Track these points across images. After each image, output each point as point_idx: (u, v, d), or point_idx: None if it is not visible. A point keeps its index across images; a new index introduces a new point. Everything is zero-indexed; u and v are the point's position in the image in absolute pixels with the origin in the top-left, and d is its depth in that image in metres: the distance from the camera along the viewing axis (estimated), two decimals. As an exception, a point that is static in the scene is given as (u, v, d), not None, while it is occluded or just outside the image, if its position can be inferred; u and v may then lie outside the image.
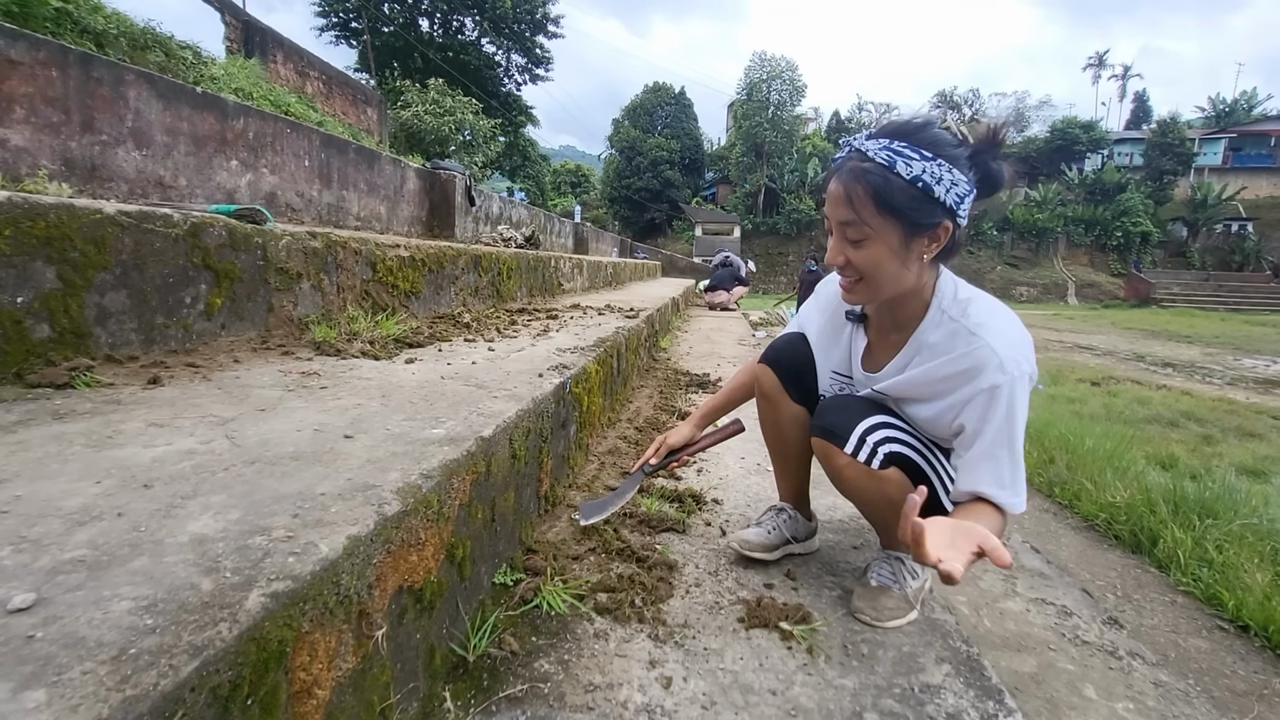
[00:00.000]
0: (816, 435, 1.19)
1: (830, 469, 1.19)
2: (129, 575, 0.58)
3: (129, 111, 2.70)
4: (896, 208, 0.98)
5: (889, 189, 0.97)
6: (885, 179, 0.97)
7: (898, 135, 1.00)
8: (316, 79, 12.08)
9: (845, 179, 1.00)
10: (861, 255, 1.03)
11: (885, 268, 1.03)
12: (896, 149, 0.98)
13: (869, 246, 1.02)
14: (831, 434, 1.16)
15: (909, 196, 0.97)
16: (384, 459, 0.91)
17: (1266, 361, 9.37)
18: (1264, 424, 4.80)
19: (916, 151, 0.97)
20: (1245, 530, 2.41)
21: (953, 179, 0.98)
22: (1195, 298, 28.87)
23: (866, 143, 1.01)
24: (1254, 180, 40.26)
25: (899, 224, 0.99)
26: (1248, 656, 1.83)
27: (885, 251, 1.01)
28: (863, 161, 0.99)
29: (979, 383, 1.02)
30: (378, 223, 4.75)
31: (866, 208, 0.99)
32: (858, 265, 1.04)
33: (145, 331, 1.42)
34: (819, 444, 1.19)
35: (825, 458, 1.18)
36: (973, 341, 1.04)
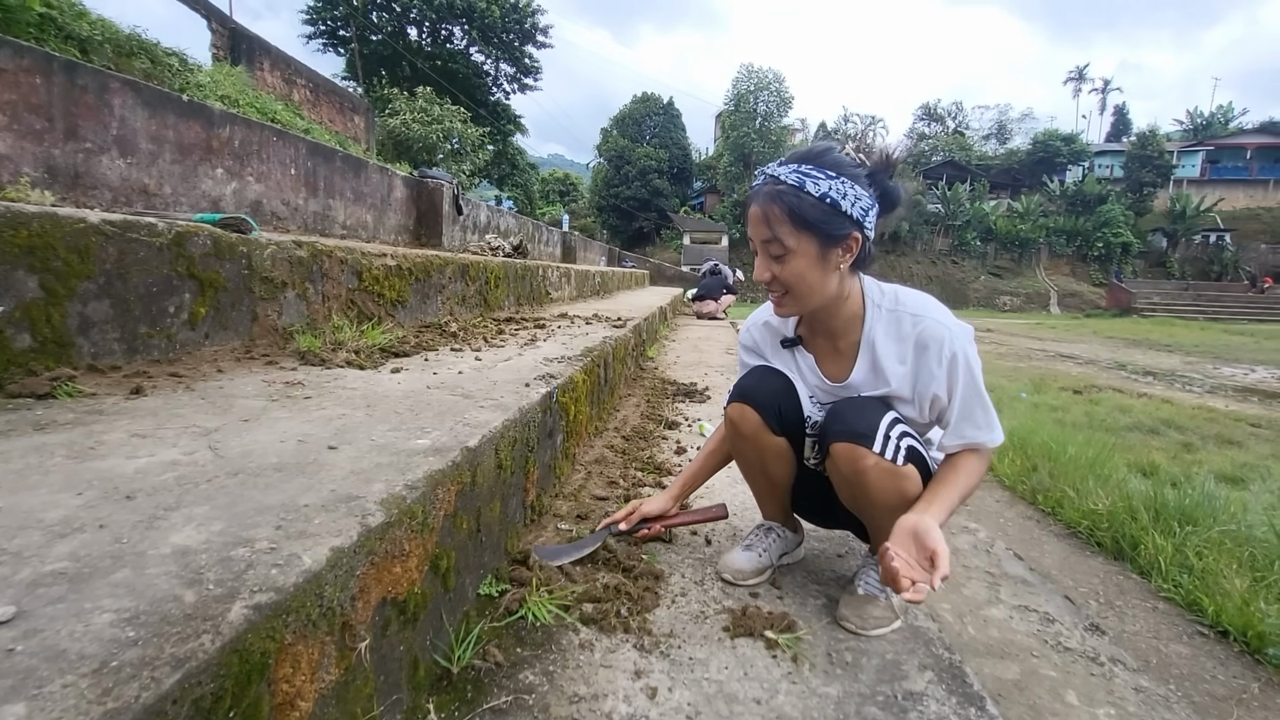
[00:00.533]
0: (841, 440, 1.14)
1: (853, 472, 1.14)
2: (110, 587, 0.57)
3: (113, 119, 2.68)
4: (810, 222, 1.08)
5: (801, 206, 1.08)
6: (798, 197, 1.08)
7: (805, 160, 1.11)
8: (303, 87, 12.05)
9: (762, 201, 1.11)
10: (785, 269, 1.13)
11: (808, 278, 1.13)
12: (805, 171, 1.09)
13: (790, 260, 1.12)
14: (859, 435, 1.12)
15: (820, 211, 1.08)
16: (368, 470, 0.91)
17: (1245, 370, 9.54)
18: (1242, 431, 4.89)
19: (822, 172, 1.08)
20: (1224, 537, 2.45)
21: (855, 194, 1.09)
22: (1175, 307, 29.38)
23: (779, 169, 1.12)
24: (1231, 192, 41.19)
25: (814, 237, 1.10)
26: (1227, 661, 1.85)
27: (805, 263, 1.12)
28: (777, 185, 1.10)
29: (941, 353, 1.14)
30: (364, 231, 4.74)
31: (783, 225, 1.09)
32: (782, 279, 1.14)
33: (128, 341, 1.41)
34: (844, 449, 1.14)
35: (851, 461, 1.13)
36: (919, 322, 1.17)
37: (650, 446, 2.29)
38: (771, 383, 1.30)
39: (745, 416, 1.29)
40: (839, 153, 1.13)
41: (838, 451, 1.15)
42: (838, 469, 1.17)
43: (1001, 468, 3.54)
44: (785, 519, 1.45)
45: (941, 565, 0.94)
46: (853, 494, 1.20)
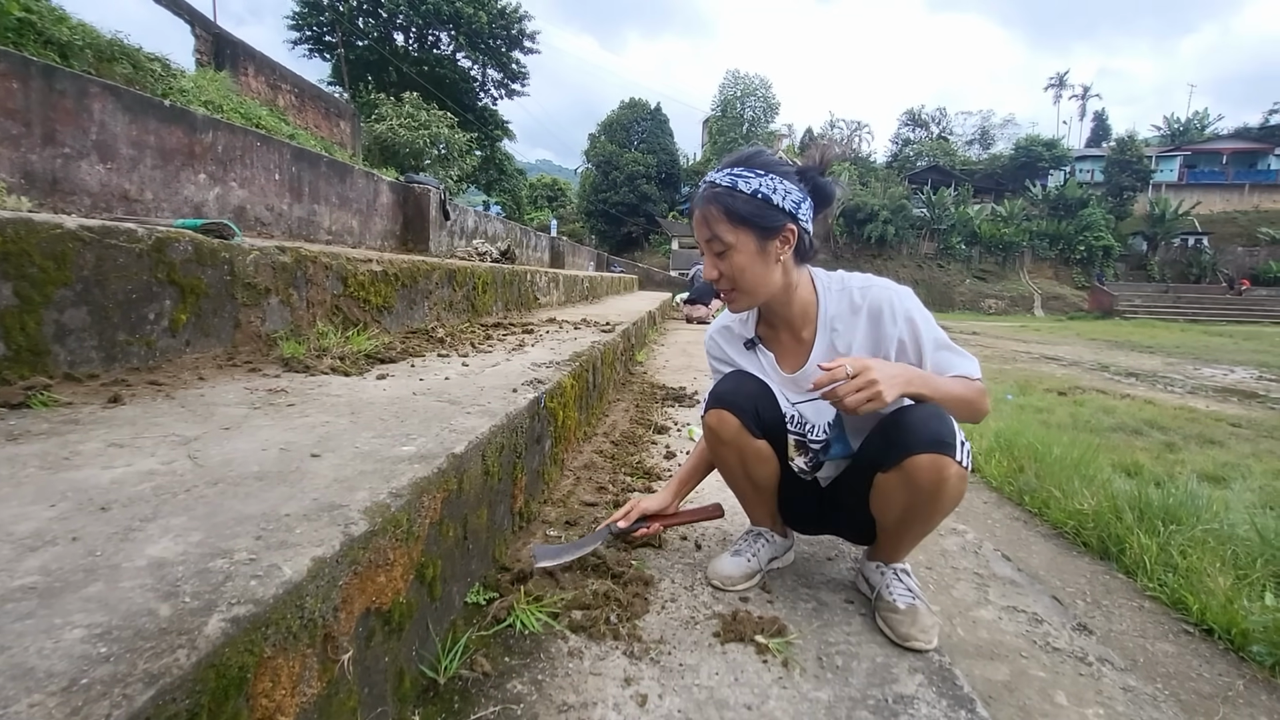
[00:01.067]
0: (929, 451, 1.09)
1: (936, 483, 1.10)
2: (82, 602, 0.56)
3: (93, 124, 2.64)
4: (744, 217, 1.15)
5: (734, 203, 1.15)
6: (731, 195, 1.15)
7: (737, 163, 1.19)
8: (289, 92, 11.97)
9: (700, 204, 1.19)
10: (728, 265, 1.18)
11: (751, 271, 1.18)
12: (737, 173, 1.17)
13: (732, 256, 1.17)
14: (946, 445, 1.09)
15: (753, 206, 1.15)
16: (352, 478, 0.89)
17: (1224, 370, 9.69)
18: (1223, 431, 4.96)
19: (752, 172, 1.16)
20: (1208, 535, 2.47)
21: (785, 189, 1.16)
22: (1156, 309, 29.85)
23: (714, 175, 1.20)
24: (1208, 196, 41.99)
25: (751, 231, 1.16)
26: (1212, 659, 1.87)
27: (746, 257, 1.17)
28: (713, 188, 1.18)
29: (895, 315, 1.20)
30: (350, 237, 4.70)
31: (721, 223, 1.16)
32: (728, 275, 1.19)
33: (106, 349, 1.38)
34: (932, 460, 1.09)
35: (937, 471, 1.09)
36: (866, 292, 1.24)
37: (639, 451, 2.28)
38: (747, 386, 1.31)
39: (724, 422, 1.28)
40: (769, 155, 1.20)
41: (923, 464, 1.09)
42: (915, 481, 1.11)
43: (988, 469, 3.56)
44: (774, 524, 1.44)
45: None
46: (918, 505, 1.15)
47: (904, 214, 37.78)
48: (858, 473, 1.25)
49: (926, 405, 1.14)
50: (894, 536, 1.27)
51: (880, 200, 37.53)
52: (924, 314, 1.22)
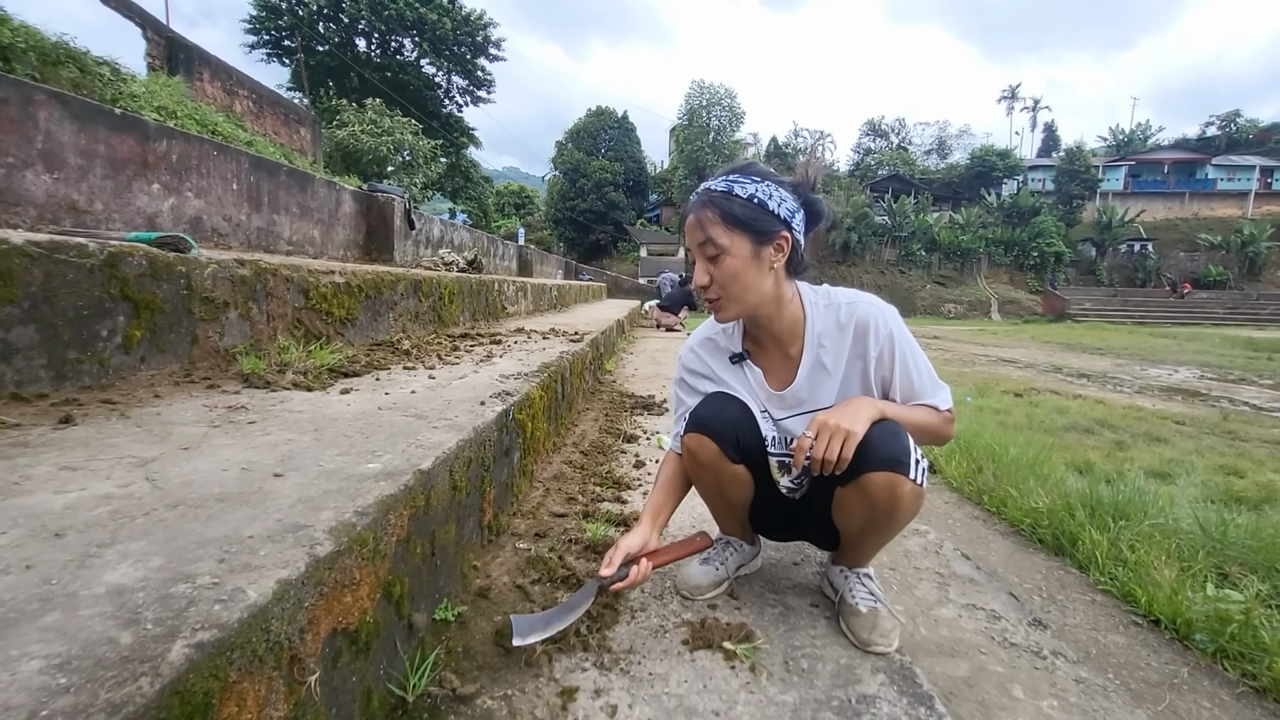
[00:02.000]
0: (882, 469, 1.11)
1: (890, 499, 1.13)
2: (39, 632, 0.55)
3: (39, 133, 2.55)
4: (740, 220, 1.15)
5: (731, 207, 1.16)
6: (728, 199, 1.16)
7: (733, 171, 1.21)
8: (246, 98, 11.69)
9: (695, 209, 1.19)
10: (720, 270, 1.17)
11: (743, 277, 1.17)
12: (733, 179, 1.19)
13: (725, 260, 1.17)
14: (899, 463, 1.11)
15: (749, 210, 1.16)
16: (316, 497, 0.89)
17: (1169, 370, 10.14)
18: (1169, 429, 5.19)
19: (749, 178, 1.18)
20: (1154, 530, 2.59)
21: (781, 196, 1.18)
22: (1105, 312, 31.09)
23: (710, 182, 1.21)
24: (1151, 204, 44.04)
25: (746, 236, 1.16)
26: (1160, 649, 1.95)
27: (740, 262, 1.17)
28: (709, 193, 1.19)
29: (879, 332, 1.22)
30: (311, 247, 4.62)
31: (716, 226, 1.16)
32: (719, 280, 1.18)
33: (56, 367, 1.34)
34: (885, 478, 1.11)
35: (891, 488, 1.12)
36: (853, 309, 1.24)
37: (609, 461, 2.29)
38: (729, 410, 1.29)
39: (703, 446, 1.27)
40: (764, 166, 1.22)
41: (877, 481, 1.12)
42: (871, 497, 1.14)
43: (949, 470, 3.66)
44: (742, 533, 1.47)
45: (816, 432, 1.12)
46: (876, 519, 1.18)
47: (866, 221, 38.67)
48: (823, 484, 1.28)
49: (885, 424, 1.16)
50: (856, 545, 1.30)
51: (844, 208, 38.33)
52: (906, 336, 1.24)
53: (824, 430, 1.11)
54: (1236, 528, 2.53)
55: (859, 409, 1.14)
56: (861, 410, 1.14)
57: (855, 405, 1.15)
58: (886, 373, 1.23)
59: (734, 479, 1.30)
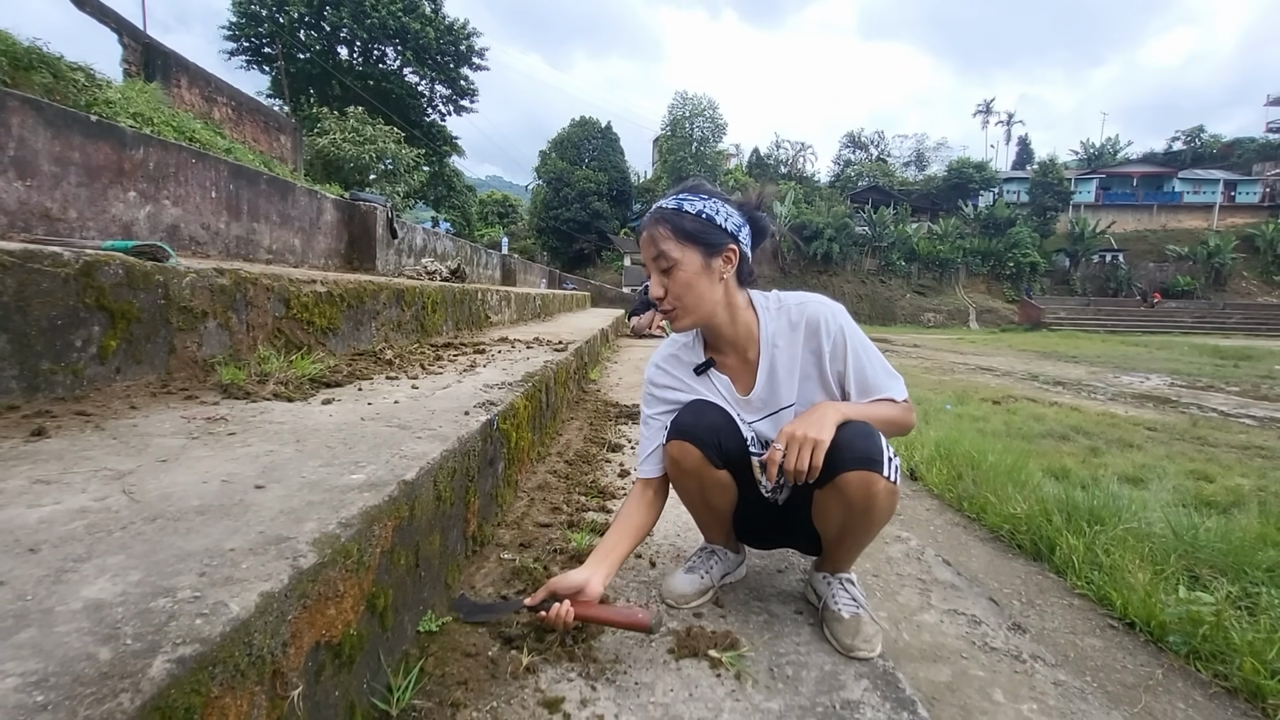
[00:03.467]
0: (857, 468, 1.13)
1: (865, 498, 1.15)
2: (14, 649, 0.54)
3: (11, 140, 2.50)
4: (690, 234, 1.23)
5: (681, 222, 1.23)
6: (678, 215, 1.24)
7: (682, 191, 1.29)
8: (225, 105, 11.56)
9: (649, 225, 1.26)
10: (674, 281, 1.24)
11: (695, 287, 1.24)
12: (682, 197, 1.26)
13: (678, 272, 1.23)
14: (873, 461, 1.14)
15: (698, 224, 1.23)
16: (299, 509, 0.88)
17: (1141, 378, 10.37)
18: (1141, 435, 5.30)
19: (697, 196, 1.26)
20: (1129, 534, 2.64)
21: (728, 212, 1.26)
22: (1079, 321, 31.76)
23: (662, 201, 1.28)
24: (1121, 216, 45.23)
25: (697, 249, 1.23)
26: (1135, 651, 1.99)
27: (691, 274, 1.23)
28: (660, 210, 1.26)
29: (829, 329, 1.28)
30: (292, 256, 4.57)
31: (668, 240, 1.23)
32: (674, 291, 1.25)
33: (28, 378, 1.31)
34: (860, 477, 1.13)
35: (865, 486, 1.14)
36: (803, 309, 1.31)
37: (594, 470, 2.28)
38: (710, 417, 1.31)
39: (686, 453, 1.29)
40: (710, 185, 1.30)
41: (852, 480, 1.14)
42: (847, 497, 1.16)
43: (930, 476, 3.71)
44: (727, 541, 1.47)
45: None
46: (853, 519, 1.20)
47: (847, 232, 39.20)
48: (803, 488, 1.29)
49: (856, 423, 1.19)
50: (836, 548, 1.32)
51: (825, 218, 38.85)
52: (855, 330, 1.30)
53: (792, 442, 1.15)
54: (1207, 531, 2.59)
55: (824, 415, 1.18)
56: (826, 416, 1.18)
57: (820, 412, 1.20)
58: (840, 366, 1.29)
59: (717, 484, 1.32)
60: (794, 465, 1.14)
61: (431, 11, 26.08)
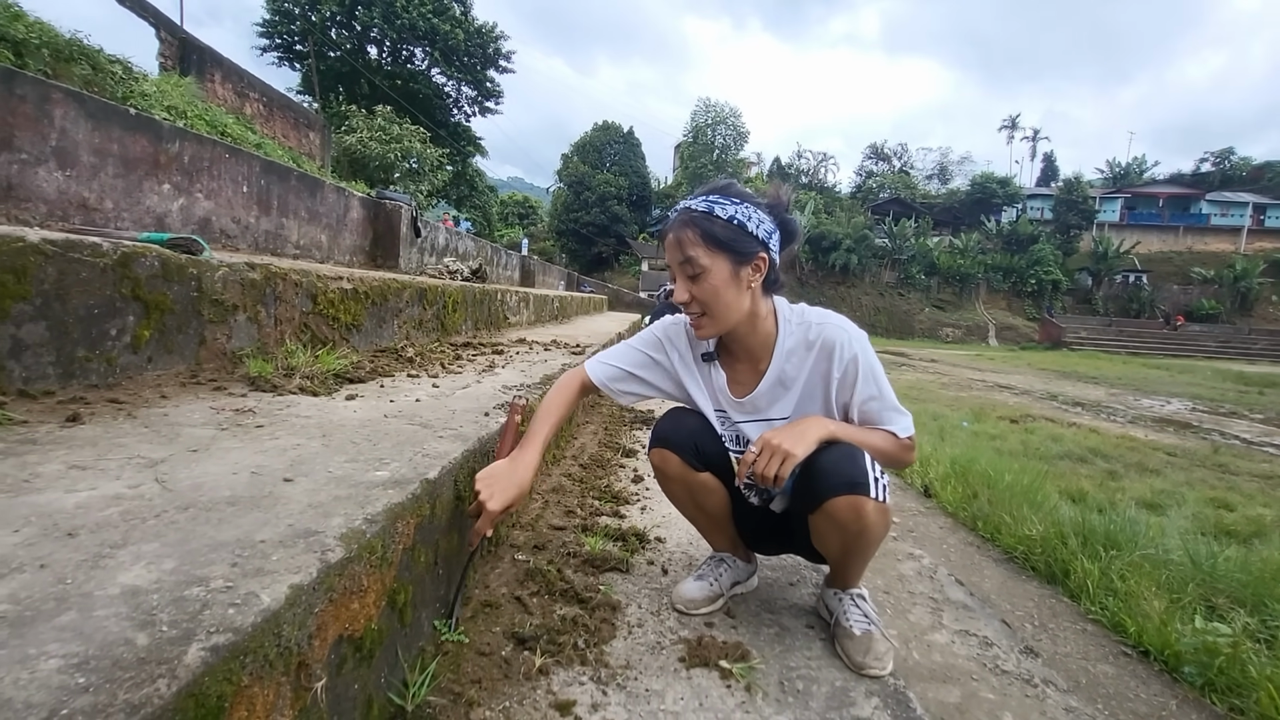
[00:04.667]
0: (843, 493, 1.13)
1: (856, 520, 1.14)
2: (56, 631, 0.56)
3: (54, 130, 2.57)
4: (721, 241, 1.18)
5: (712, 228, 1.18)
6: (709, 220, 1.18)
7: (713, 192, 1.23)
8: (256, 100, 11.78)
9: (676, 228, 1.21)
10: (701, 289, 1.20)
11: (723, 296, 1.20)
12: (714, 199, 1.20)
13: (706, 279, 1.19)
14: (858, 485, 1.13)
15: (730, 231, 1.18)
16: (326, 503, 0.90)
17: (1161, 401, 10.20)
18: (1160, 460, 5.22)
19: (729, 200, 1.20)
20: (1144, 560, 2.60)
21: (760, 218, 1.21)
22: (1100, 342, 31.27)
23: (690, 201, 1.23)
24: (1147, 236, 44.54)
25: (726, 256, 1.18)
26: (1148, 680, 1.96)
27: (720, 282, 1.19)
28: (690, 213, 1.21)
29: (843, 355, 1.24)
30: (318, 251, 4.64)
31: (698, 246, 1.18)
32: (700, 298, 1.21)
33: (64, 365, 1.35)
34: (848, 502, 1.13)
35: (854, 510, 1.13)
36: (821, 329, 1.27)
37: (608, 475, 2.30)
38: (686, 424, 1.35)
39: (666, 460, 1.34)
40: (742, 187, 1.24)
41: (841, 505, 1.14)
42: (837, 521, 1.16)
43: (944, 495, 3.67)
44: (735, 549, 1.48)
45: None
46: (849, 541, 1.20)
47: (866, 243, 38.98)
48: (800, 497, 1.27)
49: (839, 446, 1.18)
50: (840, 566, 1.33)
51: (844, 229, 38.65)
52: (870, 361, 1.25)
53: (766, 449, 1.15)
54: (1226, 561, 2.54)
55: (806, 430, 1.17)
56: (809, 432, 1.17)
57: (804, 426, 1.19)
58: (847, 396, 1.26)
59: (703, 487, 1.35)
60: (761, 470, 1.14)
61: (461, 14, 26.37)
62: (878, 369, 1.26)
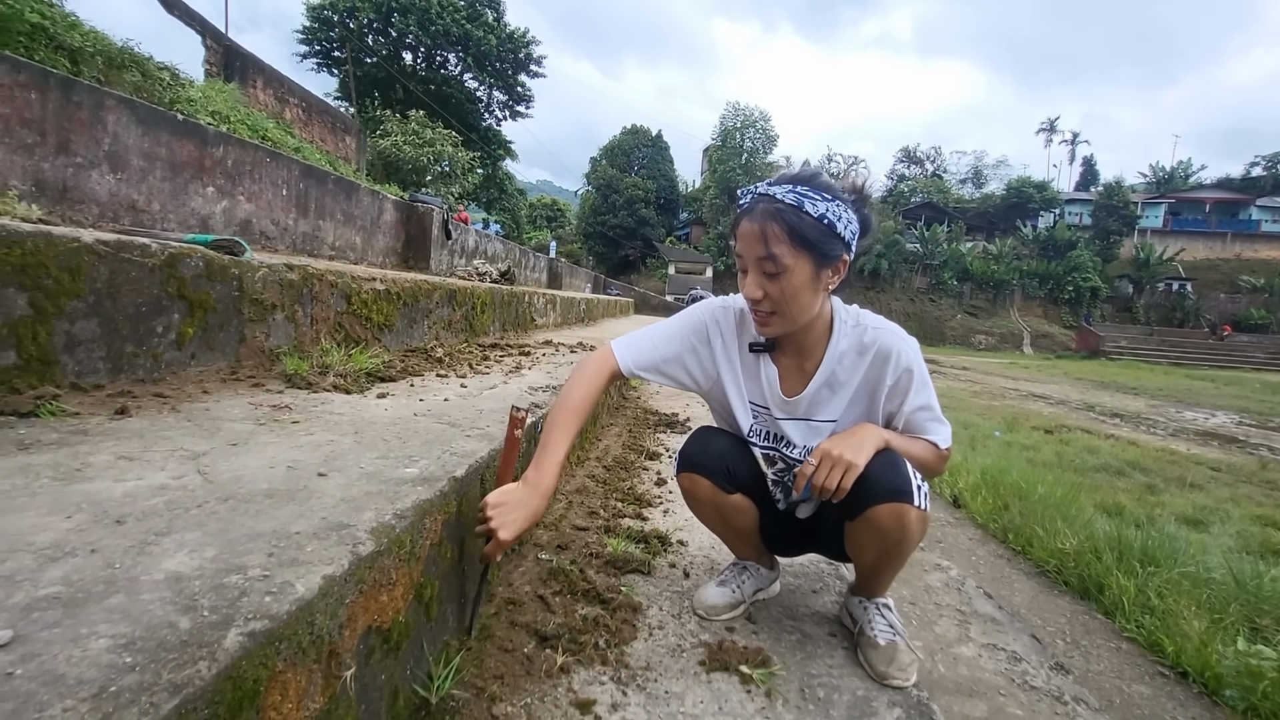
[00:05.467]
0: (888, 501, 1.11)
1: (899, 528, 1.12)
2: (105, 613, 0.59)
3: (106, 135, 2.69)
4: (810, 242, 1.09)
5: (802, 225, 1.08)
6: (798, 216, 1.08)
7: (798, 181, 1.12)
8: (296, 105, 12.11)
9: (760, 218, 1.10)
10: (778, 287, 1.12)
11: (800, 298, 1.13)
12: (802, 192, 1.10)
13: (785, 279, 1.11)
14: (903, 493, 1.11)
15: (818, 232, 1.09)
16: (358, 498, 0.92)
17: (1206, 414, 9.84)
18: (1203, 475, 5.03)
19: (819, 194, 1.10)
20: (1184, 578, 2.52)
21: (848, 218, 1.12)
22: (1141, 351, 30.28)
23: (772, 188, 1.12)
24: (1191, 243, 42.97)
25: (811, 257, 1.10)
26: (1187, 702, 1.90)
27: (800, 283, 1.12)
28: (774, 203, 1.10)
29: (898, 364, 1.21)
30: (352, 253, 4.75)
31: (783, 244, 1.09)
32: (775, 297, 1.13)
33: (113, 360, 1.41)
34: (892, 510, 1.11)
35: (898, 517, 1.11)
36: (877, 335, 1.22)
37: (631, 477, 2.31)
38: (716, 445, 1.31)
39: (697, 484, 1.31)
40: (827, 179, 1.15)
41: (884, 513, 1.12)
42: (879, 528, 1.14)
43: (974, 505, 3.60)
44: (759, 556, 1.47)
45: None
46: (887, 548, 1.18)
47: (897, 248, 38.41)
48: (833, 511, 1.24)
49: (884, 454, 1.15)
50: (871, 575, 1.31)
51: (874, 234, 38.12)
52: (923, 373, 1.23)
53: (826, 460, 1.11)
54: (1273, 581, 2.45)
55: (864, 440, 1.14)
56: (866, 441, 1.14)
57: (860, 435, 1.15)
58: (895, 406, 1.23)
59: (733, 509, 1.33)
60: (822, 482, 1.10)
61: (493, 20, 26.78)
62: (928, 381, 1.24)
